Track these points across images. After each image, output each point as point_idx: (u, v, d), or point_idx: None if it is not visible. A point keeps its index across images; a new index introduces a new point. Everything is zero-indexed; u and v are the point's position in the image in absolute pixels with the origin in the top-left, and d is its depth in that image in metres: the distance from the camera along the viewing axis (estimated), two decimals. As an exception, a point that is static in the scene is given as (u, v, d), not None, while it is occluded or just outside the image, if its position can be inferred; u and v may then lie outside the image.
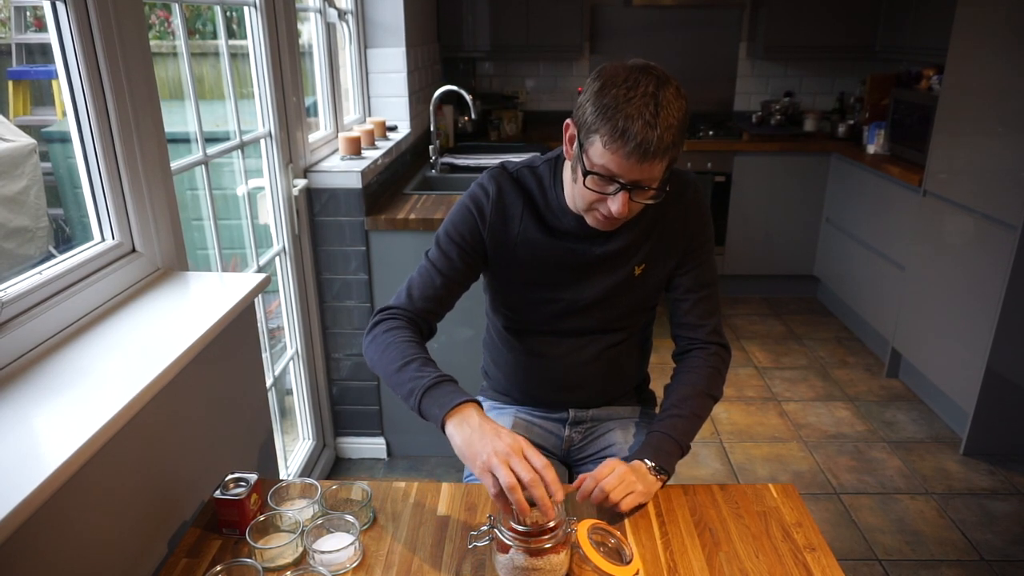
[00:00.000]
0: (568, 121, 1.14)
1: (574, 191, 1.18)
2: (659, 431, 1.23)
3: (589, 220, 1.19)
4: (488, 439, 1.00)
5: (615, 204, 1.10)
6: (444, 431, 1.06)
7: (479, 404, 1.08)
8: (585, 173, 1.10)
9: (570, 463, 1.49)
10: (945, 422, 2.91)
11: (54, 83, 2.35)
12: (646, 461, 1.18)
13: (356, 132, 2.56)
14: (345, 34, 2.93)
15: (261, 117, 2.11)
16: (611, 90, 1.04)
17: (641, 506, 1.15)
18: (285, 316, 2.34)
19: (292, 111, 2.21)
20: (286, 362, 2.34)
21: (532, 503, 0.97)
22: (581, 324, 1.34)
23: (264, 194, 2.19)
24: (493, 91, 4.47)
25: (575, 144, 1.13)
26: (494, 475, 0.96)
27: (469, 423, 1.03)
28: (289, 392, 2.49)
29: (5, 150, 2.02)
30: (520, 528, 0.96)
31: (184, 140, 1.84)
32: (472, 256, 1.28)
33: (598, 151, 1.06)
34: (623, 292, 1.30)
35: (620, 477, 1.12)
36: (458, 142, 4.03)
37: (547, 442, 1.45)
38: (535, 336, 1.37)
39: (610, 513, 1.12)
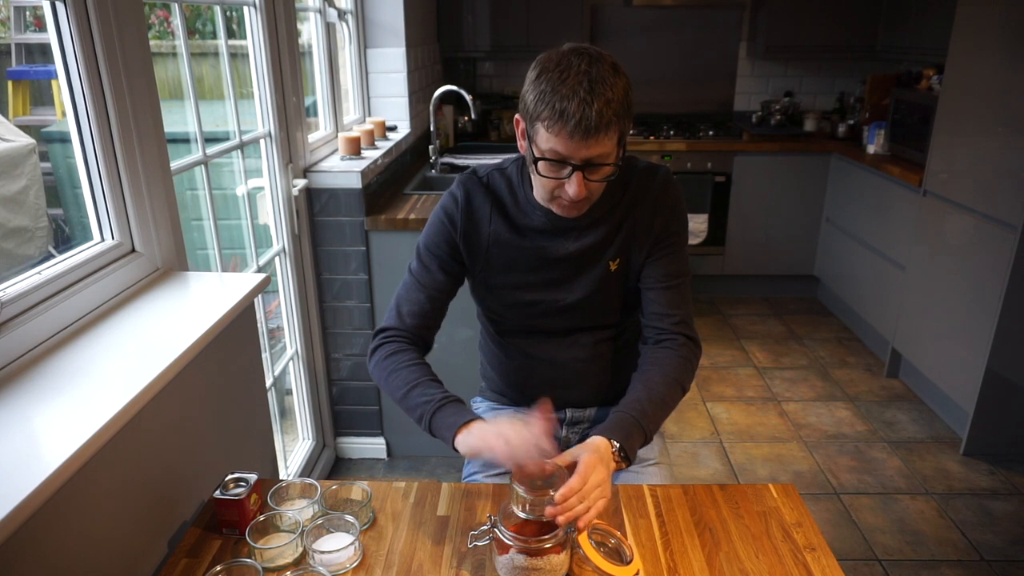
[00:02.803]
0: (516, 117, 1.16)
1: (536, 183, 1.20)
2: (629, 415, 1.17)
3: (556, 210, 1.20)
4: (491, 426, 1.07)
5: (571, 187, 1.11)
6: (455, 447, 1.11)
7: (482, 420, 1.11)
8: (535, 160, 1.12)
9: (568, 463, 1.48)
10: (945, 422, 2.91)
11: (54, 83, 2.35)
12: (614, 443, 1.12)
13: (356, 132, 2.56)
14: (345, 34, 2.93)
15: (261, 117, 2.11)
16: (545, 75, 1.07)
17: None
18: (285, 316, 2.34)
19: (292, 111, 2.21)
20: (286, 362, 2.34)
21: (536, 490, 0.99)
22: (567, 324, 1.34)
23: (264, 194, 2.19)
24: (493, 91, 4.47)
25: (526, 137, 1.15)
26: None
27: (472, 431, 1.08)
28: (289, 392, 2.49)
29: (5, 150, 2.02)
30: (524, 490, 0.98)
31: (184, 140, 1.84)
32: (451, 266, 1.30)
33: (543, 136, 1.08)
34: (603, 289, 1.30)
35: (598, 487, 1.02)
36: (458, 142, 4.03)
37: (545, 443, 1.45)
38: (525, 338, 1.37)
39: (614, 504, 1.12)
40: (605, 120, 1.04)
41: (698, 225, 3.98)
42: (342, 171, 2.33)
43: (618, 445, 1.11)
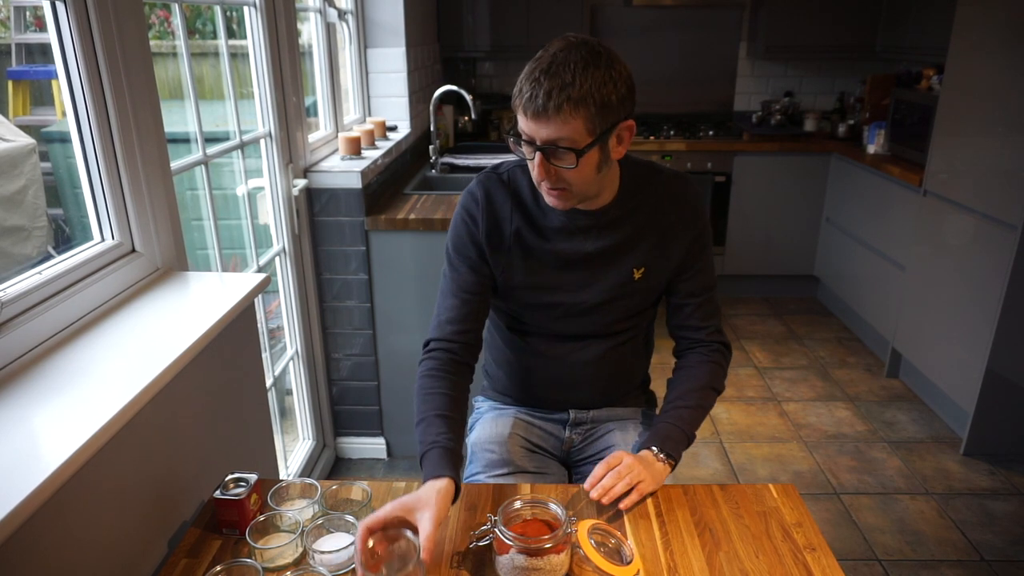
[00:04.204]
0: None
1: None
2: (666, 421, 1.26)
3: (545, 198, 1.21)
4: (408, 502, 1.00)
5: (534, 168, 1.14)
6: None
7: (449, 482, 1.04)
8: (510, 137, 1.15)
9: (570, 464, 1.48)
10: (945, 422, 2.91)
11: (54, 83, 2.35)
12: (653, 449, 1.21)
13: (356, 132, 2.56)
14: (345, 34, 2.93)
15: (261, 117, 2.11)
16: (530, 60, 1.11)
17: (651, 494, 1.17)
18: (285, 316, 2.34)
19: (292, 111, 2.21)
20: (286, 362, 2.33)
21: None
22: (583, 327, 1.33)
23: (264, 194, 2.18)
24: (493, 91, 4.47)
25: None
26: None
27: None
28: (289, 392, 2.49)
29: (4, 150, 2.02)
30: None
31: (184, 140, 1.84)
32: (481, 265, 1.30)
33: (518, 116, 1.12)
34: (624, 296, 1.30)
35: (628, 467, 1.14)
36: (458, 142, 4.03)
37: (547, 443, 1.45)
38: (537, 338, 1.37)
39: (613, 507, 1.13)
40: (556, 102, 1.05)
41: (698, 225, 3.98)
42: (342, 171, 2.33)
43: (656, 449, 1.20)
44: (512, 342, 1.40)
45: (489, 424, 1.45)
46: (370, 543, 0.94)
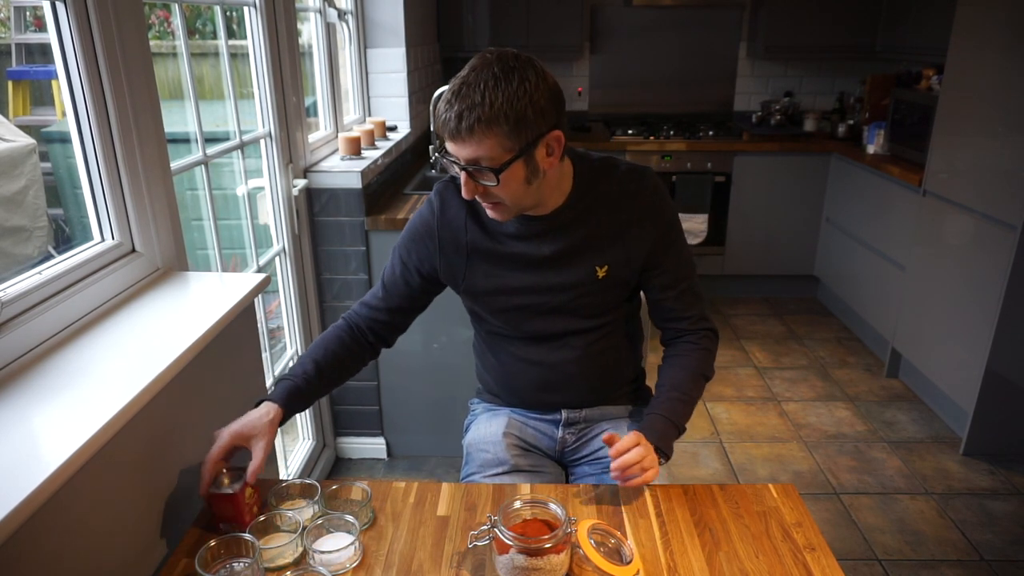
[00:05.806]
0: None
1: None
2: (658, 413, 1.26)
3: (486, 211, 1.22)
4: (235, 426, 1.15)
5: (462, 187, 1.15)
6: None
7: (280, 412, 1.19)
8: (443, 156, 1.16)
9: (565, 463, 1.48)
10: (945, 422, 2.91)
11: (54, 83, 2.35)
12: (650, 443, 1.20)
13: (356, 132, 2.56)
14: (345, 34, 2.93)
15: (261, 117, 2.11)
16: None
17: (648, 485, 1.19)
18: (285, 316, 2.34)
19: (292, 111, 2.21)
20: (286, 362, 2.33)
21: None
22: (555, 327, 1.33)
23: (264, 194, 2.19)
24: (493, 91, 4.46)
25: None
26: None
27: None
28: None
29: (4, 150, 2.02)
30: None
31: (184, 140, 1.84)
32: (419, 279, 1.34)
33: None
34: (589, 294, 1.29)
35: (644, 452, 1.15)
36: (458, 142, 4.03)
37: (541, 443, 1.45)
38: (515, 342, 1.37)
39: (614, 507, 1.13)
40: (467, 123, 1.06)
41: (698, 225, 3.98)
42: (342, 171, 2.33)
43: (653, 446, 1.19)
44: (494, 349, 1.41)
45: (483, 425, 1.45)
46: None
